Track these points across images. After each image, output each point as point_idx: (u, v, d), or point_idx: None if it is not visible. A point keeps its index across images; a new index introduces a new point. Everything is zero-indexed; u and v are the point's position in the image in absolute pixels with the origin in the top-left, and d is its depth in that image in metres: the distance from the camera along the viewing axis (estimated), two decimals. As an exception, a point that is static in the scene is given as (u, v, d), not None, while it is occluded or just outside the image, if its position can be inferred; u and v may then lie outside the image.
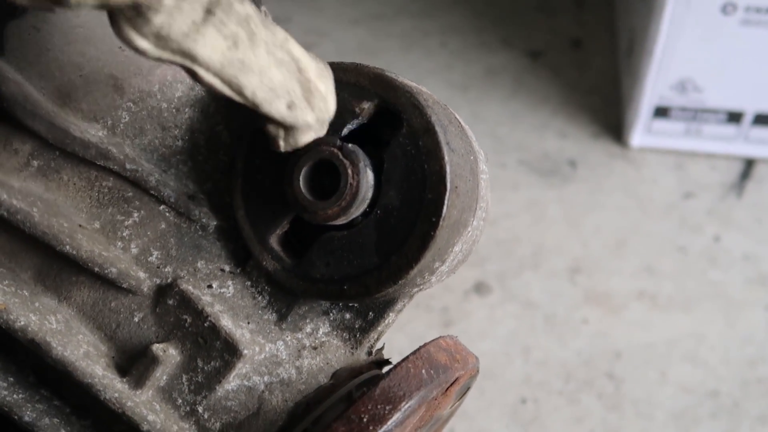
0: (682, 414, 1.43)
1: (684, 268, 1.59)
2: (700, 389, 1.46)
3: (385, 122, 0.62)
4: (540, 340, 1.51)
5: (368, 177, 0.60)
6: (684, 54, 1.59)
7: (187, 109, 0.68)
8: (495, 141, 1.75)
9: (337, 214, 0.60)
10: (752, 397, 1.45)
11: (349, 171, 0.60)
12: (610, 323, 1.53)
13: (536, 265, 1.59)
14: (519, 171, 1.72)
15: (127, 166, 0.65)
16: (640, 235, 1.63)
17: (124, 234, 0.65)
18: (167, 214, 0.66)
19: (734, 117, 1.67)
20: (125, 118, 0.66)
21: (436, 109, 0.61)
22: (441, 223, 0.59)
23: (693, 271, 1.59)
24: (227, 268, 0.66)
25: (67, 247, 0.62)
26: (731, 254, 1.61)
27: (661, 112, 1.68)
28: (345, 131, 0.62)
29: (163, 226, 0.66)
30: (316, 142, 0.61)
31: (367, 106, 0.62)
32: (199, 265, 0.65)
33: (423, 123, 0.60)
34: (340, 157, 0.60)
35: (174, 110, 0.67)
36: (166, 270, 0.65)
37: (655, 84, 1.63)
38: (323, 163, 0.61)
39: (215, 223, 0.66)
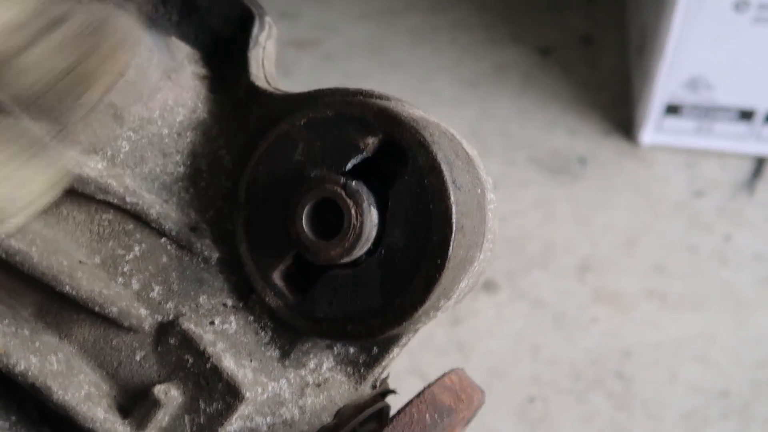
0: (692, 414, 1.43)
1: (694, 268, 1.58)
2: (710, 389, 1.45)
3: (390, 154, 0.61)
4: (549, 339, 1.50)
5: (372, 216, 0.59)
6: (696, 51, 1.57)
7: (188, 133, 0.66)
8: (504, 138, 1.74)
9: (341, 255, 0.59)
10: (762, 397, 1.45)
11: (353, 211, 0.58)
12: (620, 322, 1.52)
13: (545, 264, 1.58)
14: (528, 168, 1.70)
15: (128, 199, 0.64)
16: (650, 234, 1.62)
17: (125, 269, 0.64)
18: (169, 248, 0.65)
19: (746, 115, 1.65)
20: (125, 147, 0.65)
21: (442, 144, 0.60)
22: (447, 264, 0.58)
23: (703, 271, 1.58)
24: (230, 302, 0.65)
25: (67, 287, 0.61)
26: (742, 253, 1.60)
27: (672, 109, 1.66)
28: (349, 166, 0.61)
29: (164, 259, 0.65)
30: (320, 179, 0.60)
31: (371, 141, 0.60)
32: (201, 300, 0.64)
33: (428, 161, 0.58)
34: (344, 196, 0.59)
35: (175, 135, 0.66)
36: (168, 306, 0.64)
37: (667, 81, 1.62)
38: (327, 201, 0.60)
39: (217, 255, 0.65)
